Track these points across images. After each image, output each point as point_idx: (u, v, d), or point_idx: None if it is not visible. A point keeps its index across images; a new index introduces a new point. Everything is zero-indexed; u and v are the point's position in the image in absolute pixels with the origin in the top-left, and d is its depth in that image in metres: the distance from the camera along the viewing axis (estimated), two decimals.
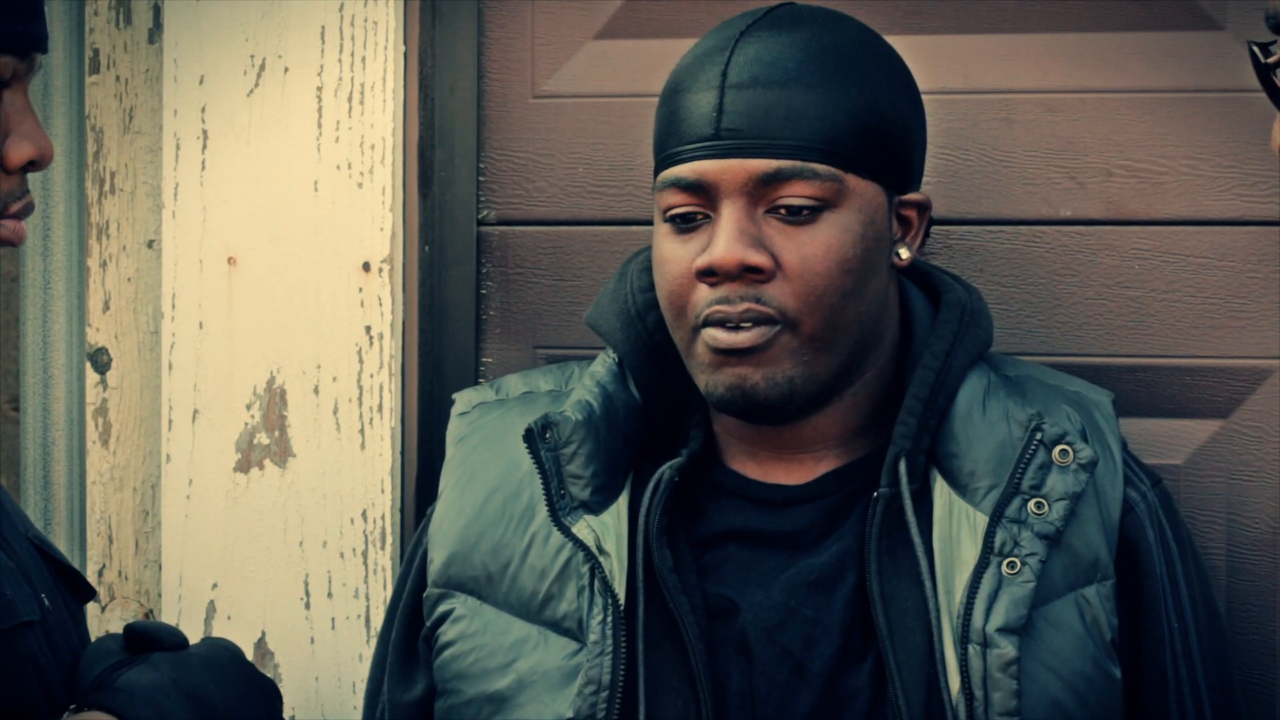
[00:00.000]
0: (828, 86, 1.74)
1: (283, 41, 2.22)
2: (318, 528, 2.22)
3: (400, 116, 2.21)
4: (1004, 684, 1.70)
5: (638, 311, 1.85)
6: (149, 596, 2.31)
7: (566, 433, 1.78)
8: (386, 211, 2.20)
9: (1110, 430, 1.84)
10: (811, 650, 1.76)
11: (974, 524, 1.75)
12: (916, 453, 1.77)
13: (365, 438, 2.20)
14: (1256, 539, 2.07)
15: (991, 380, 1.81)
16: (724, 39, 1.77)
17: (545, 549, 1.80)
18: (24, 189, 1.63)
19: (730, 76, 1.73)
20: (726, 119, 1.73)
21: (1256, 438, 2.07)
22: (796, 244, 1.73)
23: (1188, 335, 2.09)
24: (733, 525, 1.81)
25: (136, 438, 2.31)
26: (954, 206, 2.12)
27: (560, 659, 1.78)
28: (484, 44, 2.25)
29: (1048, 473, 1.76)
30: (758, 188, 1.73)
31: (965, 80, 2.12)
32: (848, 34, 1.79)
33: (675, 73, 1.80)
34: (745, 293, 1.72)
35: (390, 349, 2.20)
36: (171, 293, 2.25)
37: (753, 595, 1.78)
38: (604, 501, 1.78)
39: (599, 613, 1.76)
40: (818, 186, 1.73)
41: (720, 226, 1.73)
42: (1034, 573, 1.73)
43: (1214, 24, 2.07)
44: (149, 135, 2.29)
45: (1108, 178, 2.10)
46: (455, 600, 1.84)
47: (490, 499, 1.85)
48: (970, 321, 1.83)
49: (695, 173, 1.74)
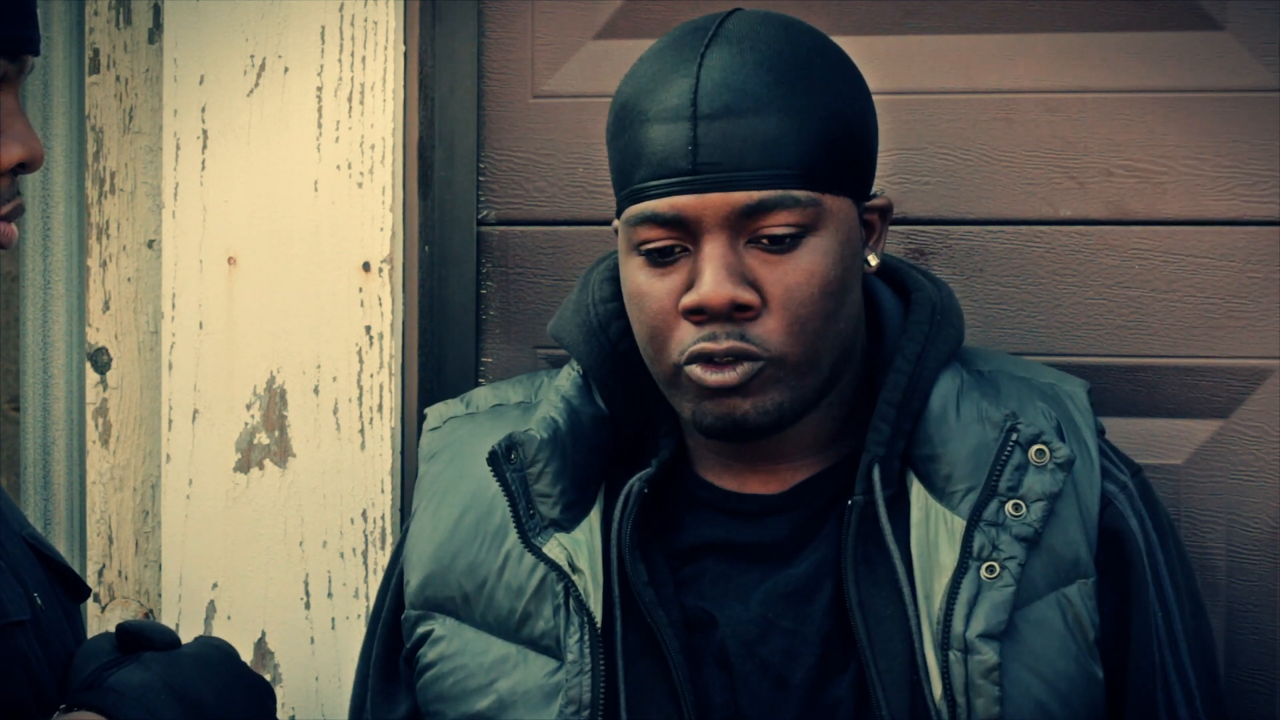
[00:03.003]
0: (799, 107, 1.70)
1: (283, 41, 2.22)
2: (318, 528, 2.22)
3: (400, 116, 2.21)
4: (986, 690, 1.69)
5: (600, 323, 1.82)
6: (149, 596, 2.31)
7: (532, 452, 1.76)
8: (386, 211, 2.20)
9: (1085, 423, 1.82)
10: (792, 662, 1.74)
11: (952, 528, 1.73)
12: (891, 458, 1.75)
13: (365, 438, 2.20)
14: (1256, 539, 2.07)
15: (964, 379, 1.79)
16: (681, 60, 1.71)
17: (520, 567, 1.79)
18: (15, 191, 1.63)
19: (701, 106, 1.68)
20: (703, 153, 1.68)
21: (1256, 438, 2.07)
22: (780, 274, 1.69)
23: (1188, 335, 2.09)
24: (709, 538, 1.80)
25: (136, 438, 2.31)
26: (954, 206, 2.12)
27: (541, 677, 1.76)
28: (484, 44, 2.25)
29: (1025, 473, 1.74)
30: (740, 220, 1.69)
31: (965, 80, 2.12)
32: (804, 43, 1.74)
33: (629, 97, 1.74)
34: (731, 330, 1.69)
35: (390, 349, 2.20)
36: (171, 293, 2.25)
37: (730, 608, 1.76)
38: (575, 518, 1.77)
39: (575, 631, 1.74)
40: (799, 213, 1.69)
41: (705, 263, 1.69)
42: (1013, 576, 1.71)
43: (1214, 24, 2.07)
44: (149, 135, 2.29)
45: (1108, 178, 2.10)
46: (434, 621, 1.83)
47: (463, 518, 1.83)
48: (941, 320, 1.81)
49: (673, 208, 1.69)
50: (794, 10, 2.13)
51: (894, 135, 2.11)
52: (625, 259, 1.75)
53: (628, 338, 1.81)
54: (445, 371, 2.25)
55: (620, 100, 1.76)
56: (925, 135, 2.12)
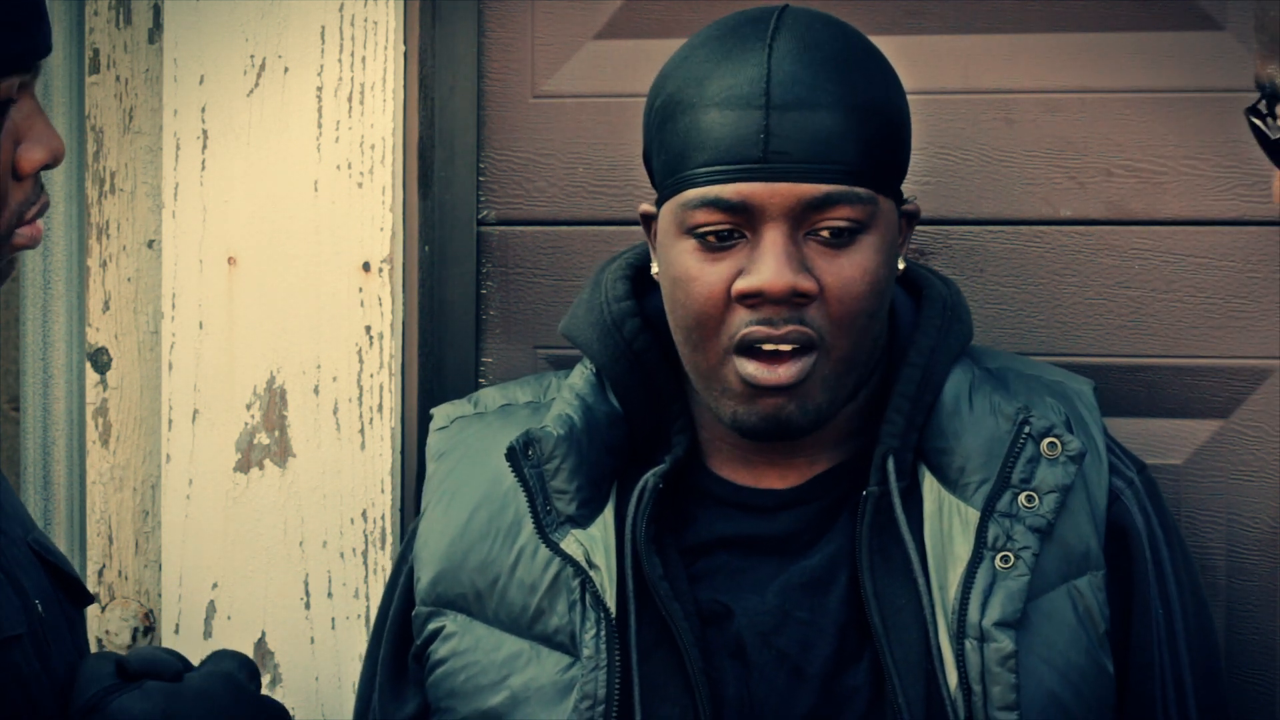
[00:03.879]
0: (861, 106, 1.72)
1: (283, 41, 2.22)
2: (318, 528, 2.22)
3: (400, 116, 2.21)
4: (1002, 678, 1.71)
5: (614, 321, 1.83)
6: (149, 596, 2.31)
7: (549, 448, 1.77)
8: (386, 211, 2.20)
9: (1093, 419, 1.84)
10: (808, 652, 1.76)
11: (966, 519, 1.75)
12: (905, 451, 1.77)
13: (365, 438, 2.20)
14: (1256, 539, 2.07)
15: (976, 374, 1.81)
16: (746, 49, 1.73)
17: (533, 563, 1.80)
18: (39, 189, 1.63)
19: (774, 96, 1.70)
20: (774, 142, 1.70)
21: (1256, 438, 2.07)
22: (836, 267, 1.71)
23: (1188, 335, 2.09)
24: (723, 533, 1.81)
25: (136, 438, 2.31)
26: (954, 206, 2.12)
27: (554, 673, 1.77)
28: (484, 44, 2.25)
29: (1037, 465, 1.76)
30: (804, 212, 1.71)
31: (965, 80, 2.12)
32: (858, 44, 1.77)
33: (684, 82, 1.76)
34: (789, 315, 1.70)
35: (390, 349, 2.20)
36: (171, 293, 2.25)
37: (746, 600, 1.78)
38: (590, 514, 1.78)
39: (591, 627, 1.75)
40: (860, 209, 1.71)
41: (765, 250, 1.70)
42: (1028, 566, 1.73)
43: (1214, 24, 2.07)
44: (149, 135, 2.29)
45: (1108, 178, 2.10)
46: (445, 618, 1.84)
47: (475, 514, 1.84)
48: (952, 317, 1.83)
49: (739, 194, 1.71)
50: None
51: None
52: (673, 243, 1.75)
53: (642, 336, 1.82)
54: (445, 371, 2.25)
55: (670, 86, 1.77)
56: (925, 135, 2.12)
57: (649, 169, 1.82)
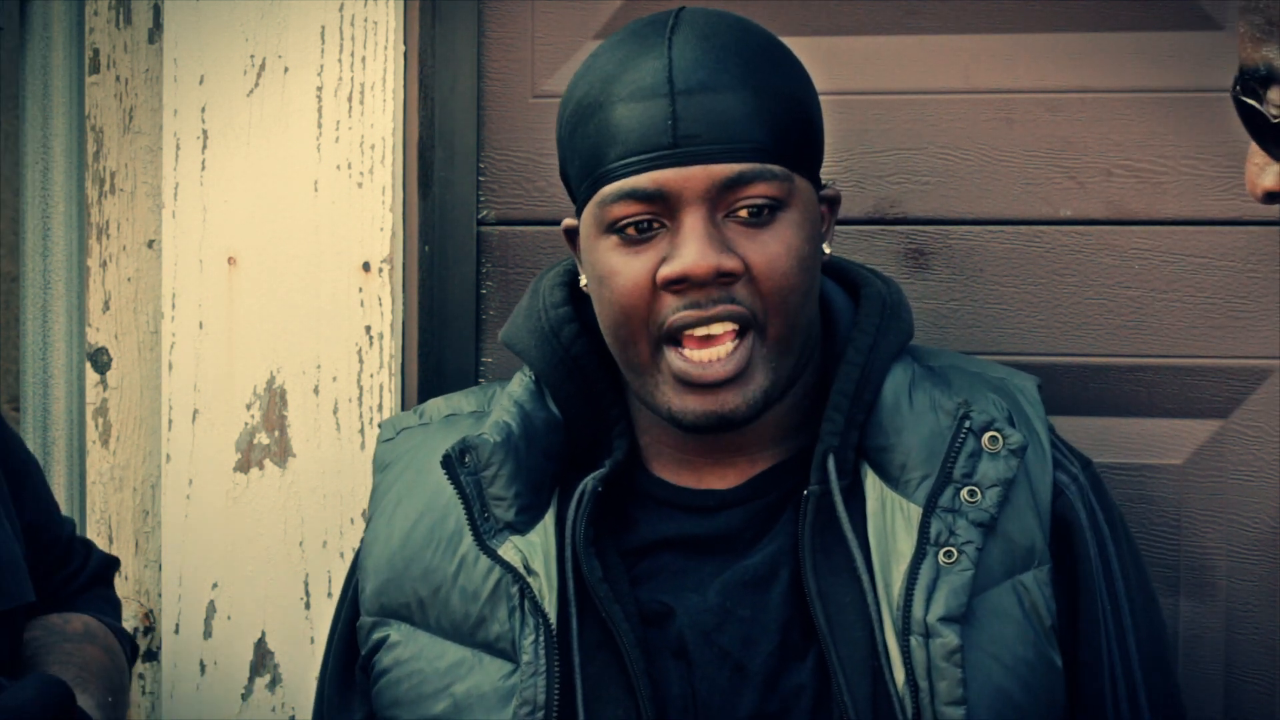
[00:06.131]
0: (767, 88, 1.73)
1: (283, 41, 2.22)
2: (318, 528, 2.22)
3: (400, 116, 2.21)
4: (949, 673, 1.71)
5: (552, 328, 1.84)
6: (149, 596, 2.31)
7: (486, 455, 1.78)
8: (386, 211, 2.20)
9: (1036, 415, 1.84)
10: (750, 649, 1.76)
11: (908, 515, 1.75)
12: (845, 449, 1.77)
13: (365, 438, 2.20)
14: (1256, 539, 2.07)
15: (916, 372, 1.82)
16: (646, 47, 1.75)
17: (474, 571, 1.79)
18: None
19: (678, 83, 1.71)
20: (683, 126, 1.71)
21: (1256, 438, 2.07)
22: (759, 244, 1.72)
23: (1188, 335, 2.09)
24: (665, 533, 1.81)
25: (136, 437, 2.31)
26: (954, 206, 2.12)
27: (496, 680, 1.77)
28: (484, 44, 2.25)
29: (978, 460, 1.76)
30: (720, 193, 1.72)
31: (965, 80, 2.12)
32: (757, 33, 1.79)
33: (590, 88, 1.77)
34: (717, 295, 1.71)
35: (390, 349, 2.20)
36: (171, 293, 2.25)
37: (688, 599, 1.78)
38: (530, 520, 1.78)
39: (530, 633, 1.75)
40: (776, 186, 1.72)
41: (685, 235, 1.71)
42: (971, 560, 1.74)
43: (1214, 24, 2.07)
44: (149, 135, 2.29)
45: (1108, 178, 2.10)
46: (389, 628, 1.84)
47: (417, 524, 1.84)
48: (891, 315, 1.83)
49: (654, 182, 1.72)
50: (796, 10, 2.13)
51: (894, 135, 2.11)
52: (594, 243, 1.76)
53: (579, 342, 1.83)
54: (445, 371, 2.25)
55: (579, 93, 1.78)
56: (925, 135, 2.12)
57: (567, 184, 1.82)
